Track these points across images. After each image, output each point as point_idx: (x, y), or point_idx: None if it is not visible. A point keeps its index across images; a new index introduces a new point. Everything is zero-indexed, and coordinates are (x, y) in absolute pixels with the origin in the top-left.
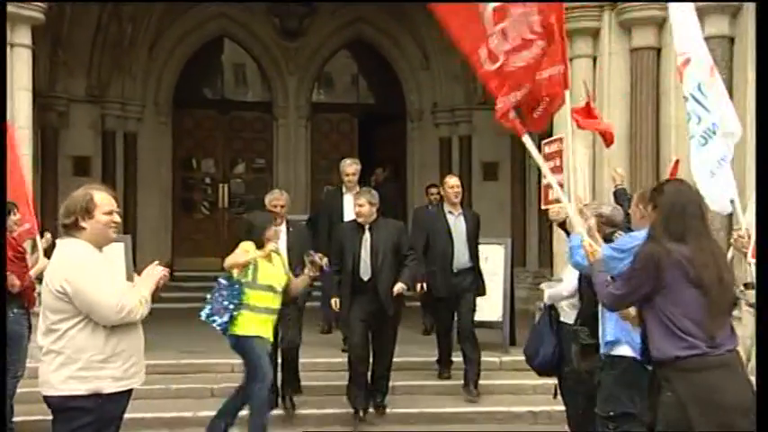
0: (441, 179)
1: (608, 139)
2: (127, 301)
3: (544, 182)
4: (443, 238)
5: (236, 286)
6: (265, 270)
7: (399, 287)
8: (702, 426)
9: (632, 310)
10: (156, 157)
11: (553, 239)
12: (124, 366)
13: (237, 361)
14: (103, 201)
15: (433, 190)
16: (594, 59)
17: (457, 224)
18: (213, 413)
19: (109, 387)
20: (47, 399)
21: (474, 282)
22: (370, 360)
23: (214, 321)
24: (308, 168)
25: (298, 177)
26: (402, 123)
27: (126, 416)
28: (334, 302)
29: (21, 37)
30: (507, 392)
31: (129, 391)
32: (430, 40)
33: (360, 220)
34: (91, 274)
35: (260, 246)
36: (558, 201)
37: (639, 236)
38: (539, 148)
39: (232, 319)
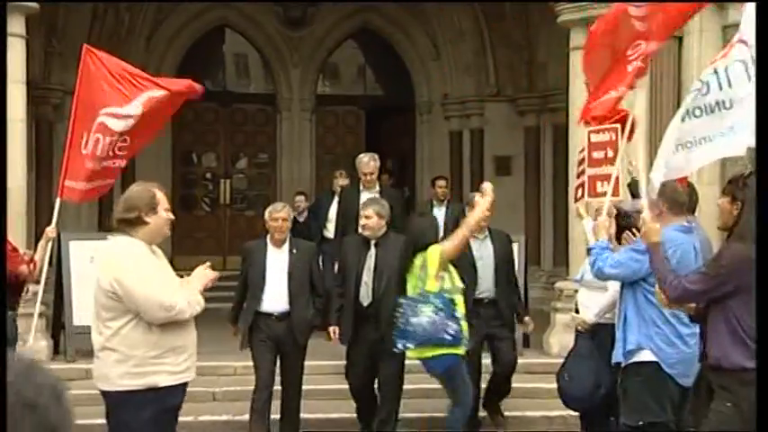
0: (451, 174)
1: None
2: (176, 301)
3: (591, 172)
4: (466, 270)
5: (445, 295)
6: (455, 272)
7: None
8: None
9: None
10: (155, 152)
11: (569, 237)
12: (178, 360)
13: (240, 363)
14: (163, 198)
15: (441, 182)
16: None
17: (482, 249)
18: (215, 417)
19: (165, 381)
20: (104, 393)
21: (506, 314)
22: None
23: (448, 336)
24: (313, 163)
25: (302, 173)
26: (411, 116)
27: None
28: (333, 331)
29: (14, 26)
30: (521, 396)
31: (185, 383)
32: (440, 28)
33: (366, 233)
34: (140, 273)
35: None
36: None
37: None
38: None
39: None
